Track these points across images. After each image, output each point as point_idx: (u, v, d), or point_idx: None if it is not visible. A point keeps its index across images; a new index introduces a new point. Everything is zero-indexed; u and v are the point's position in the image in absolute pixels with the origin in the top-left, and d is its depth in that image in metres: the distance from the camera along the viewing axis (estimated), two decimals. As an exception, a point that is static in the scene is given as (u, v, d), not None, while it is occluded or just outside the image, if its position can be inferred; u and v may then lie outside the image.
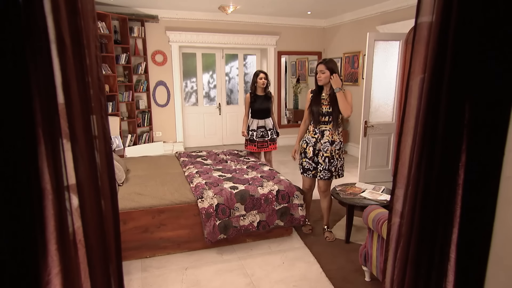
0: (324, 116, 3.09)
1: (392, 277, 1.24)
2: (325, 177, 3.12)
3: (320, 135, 3.12)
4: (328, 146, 3.09)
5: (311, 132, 3.19)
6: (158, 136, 6.65)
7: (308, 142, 3.19)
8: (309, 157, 3.18)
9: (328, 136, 3.10)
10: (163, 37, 6.30)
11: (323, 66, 3.02)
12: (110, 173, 1.01)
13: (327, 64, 3.02)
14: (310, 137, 3.19)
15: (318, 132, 3.13)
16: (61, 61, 0.80)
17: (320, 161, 3.12)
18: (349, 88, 6.62)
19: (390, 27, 5.34)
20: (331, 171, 3.12)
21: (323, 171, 3.11)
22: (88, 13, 0.87)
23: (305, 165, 3.21)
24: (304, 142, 3.23)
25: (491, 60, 0.93)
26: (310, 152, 3.16)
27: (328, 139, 3.10)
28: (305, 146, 3.21)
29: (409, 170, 1.12)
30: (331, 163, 3.11)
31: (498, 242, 1.01)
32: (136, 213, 2.84)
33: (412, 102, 1.10)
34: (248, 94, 4.21)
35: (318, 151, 3.13)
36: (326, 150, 3.10)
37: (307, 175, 3.22)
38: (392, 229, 1.24)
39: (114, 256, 1.04)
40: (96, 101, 0.92)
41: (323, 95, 3.13)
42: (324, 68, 3.01)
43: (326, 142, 3.10)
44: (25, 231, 0.76)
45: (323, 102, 3.11)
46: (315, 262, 2.87)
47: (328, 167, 3.10)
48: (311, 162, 3.17)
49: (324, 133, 3.11)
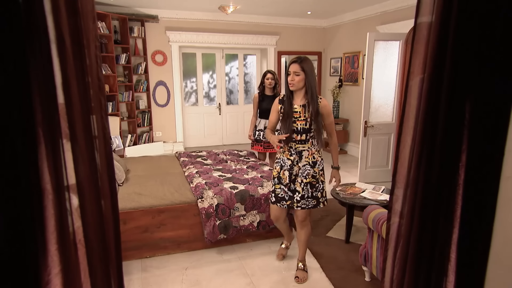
0: (299, 134, 2.41)
1: (392, 277, 1.24)
2: (309, 206, 2.49)
3: (298, 156, 2.45)
4: (308, 169, 2.44)
5: (286, 153, 2.49)
6: (158, 136, 6.65)
7: (283, 164, 2.50)
8: (284, 183, 2.49)
9: (307, 157, 2.45)
10: (163, 37, 6.30)
11: (297, 66, 2.33)
12: (110, 173, 1.01)
13: (301, 64, 2.33)
14: (285, 159, 2.49)
15: (295, 153, 2.45)
16: (61, 61, 0.80)
17: (298, 188, 2.47)
18: (349, 88, 6.63)
19: (390, 27, 5.34)
20: (317, 197, 2.49)
21: (304, 200, 2.47)
22: (88, 13, 0.87)
23: (279, 193, 2.52)
24: (278, 165, 2.54)
25: (491, 60, 0.93)
26: (286, 178, 2.48)
27: (308, 161, 2.45)
28: (279, 169, 2.52)
29: (408, 170, 1.12)
30: (316, 188, 2.48)
31: (498, 242, 1.01)
32: (136, 213, 2.84)
33: (412, 102, 1.10)
34: (256, 94, 4.19)
35: (295, 176, 2.48)
36: (306, 175, 2.45)
37: (280, 205, 2.54)
38: (392, 229, 1.24)
39: (114, 256, 1.04)
40: (96, 101, 0.92)
41: (295, 106, 2.41)
42: (299, 69, 2.32)
43: (306, 165, 2.45)
44: (25, 231, 0.76)
45: (296, 116, 2.40)
46: (315, 262, 2.87)
47: (311, 194, 2.47)
48: (286, 190, 2.49)
49: (302, 154, 2.45)
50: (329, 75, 7.30)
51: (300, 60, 2.35)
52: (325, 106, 2.44)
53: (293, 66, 2.35)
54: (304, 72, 2.32)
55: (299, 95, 2.41)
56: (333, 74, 7.13)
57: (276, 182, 2.55)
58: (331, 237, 3.30)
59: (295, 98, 2.43)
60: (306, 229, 2.62)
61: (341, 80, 6.77)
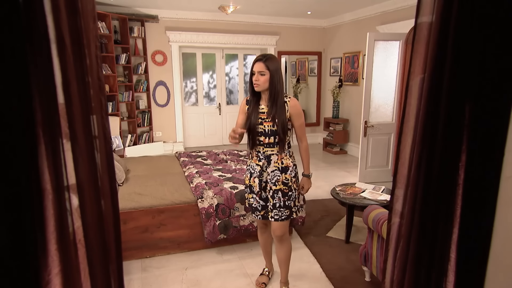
0: (267, 137, 2.18)
1: (392, 277, 1.24)
2: (282, 217, 2.22)
3: (266, 161, 2.22)
4: (277, 176, 2.21)
5: (254, 158, 2.27)
6: (158, 136, 6.65)
7: (252, 171, 2.28)
8: (256, 191, 2.27)
9: (276, 161, 2.21)
10: (163, 37, 6.30)
11: (262, 65, 2.10)
12: (111, 173, 1.01)
13: (267, 62, 2.10)
14: (254, 165, 2.27)
15: (263, 157, 2.22)
16: (61, 61, 0.80)
17: (269, 197, 2.25)
18: (349, 88, 6.63)
19: (390, 27, 5.34)
20: (289, 207, 2.24)
21: (276, 210, 2.22)
22: (88, 13, 0.87)
23: (252, 202, 2.32)
24: (248, 172, 2.33)
25: (491, 60, 0.93)
26: (256, 186, 2.25)
27: (277, 166, 2.21)
28: (249, 177, 2.30)
29: (409, 170, 1.12)
30: (289, 196, 2.23)
31: (498, 242, 1.01)
32: (136, 213, 2.84)
33: (412, 102, 1.10)
34: None
35: (265, 183, 2.25)
36: (275, 182, 2.21)
37: (255, 216, 2.35)
38: (392, 229, 1.24)
39: (115, 256, 1.04)
40: (96, 101, 0.92)
41: (262, 106, 2.20)
42: (264, 68, 2.10)
43: (275, 171, 2.21)
44: (25, 231, 0.76)
45: (263, 117, 2.18)
46: (315, 262, 2.87)
47: (284, 202, 2.22)
48: (258, 199, 2.28)
49: (270, 158, 2.22)
50: (329, 75, 7.30)
51: (265, 58, 2.12)
52: (295, 106, 2.19)
53: (257, 65, 2.12)
54: (269, 71, 2.10)
55: (266, 94, 2.18)
56: (333, 74, 7.13)
57: (248, 192, 2.34)
58: (331, 237, 3.30)
59: (263, 97, 2.22)
60: (285, 246, 2.35)
61: (341, 80, 6.76)
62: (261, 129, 2.19)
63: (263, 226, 2.48)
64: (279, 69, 2.15)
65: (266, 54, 2.18)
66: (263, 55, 2.16)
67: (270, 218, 2.27)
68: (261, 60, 2.12)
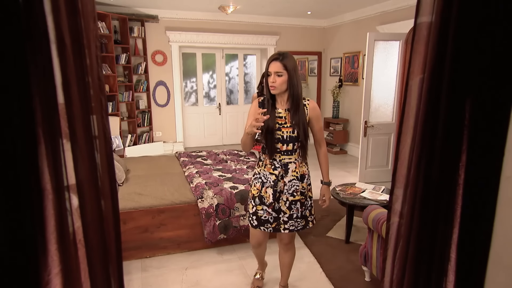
0: (285, 144, 2.00)
1: (392, 277, 1.24)
2: (298, 228, 2.11)
3: (283, 170, 2.04)
4: (296, 185, 2.05)
5: (267, 166, 2.06)
6: (158, 136, 6.65)
7: (265, 180, 2.07)
8: (268, 203, 2.06)
9: (294, 170, 2.05)
10: (163, 37, 6.30)
11: (279, 64, 1.89)
12: (111, 173, 1.01)
13: (284, 61, 1.89)
14: (267, 174, 2.06)
15: (280, 165, 2.04)
16: (61, 61, 0.80)
17: (284, 208, 2.07)
18: (349, 88, 6.63)
19: (390, 27, 5.34)
20: (305, 217, 2.11)
21: (292, 221, 2.08)
22: (88, 13, 0.87)
23: (261, 215, 2.08)
24: (257, 181, 2.10)
25: (491, 59, 0.93)
26: (269, 197, 2.05)
27: (295, 175, 2.05)
28: (260, 187, 2.08)
29: (408, 170, 1.12)
30: (305, 206, 2.10)
31: (498, 242, 1.01)
32: (136, 213, 2.84)
33: (412, 102, 1.10)
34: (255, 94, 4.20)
35: (280, 193, 2.07)
36: (293, 192, 2.05)
37: (265, 229, 2.11)
38: (391, 229, 1.24)
39: (115, 256, 1.04)
40: (96, 101, 0.92)
41: (280, 110, 2.00)
42: (282, 68, 1.89)
43: (293, 180, 2.05)
44: (25, 231, 0.76)
45: (281, 122, 1.99)
46: (315, 262, 2.87)
47: (301, 213, 2.08)
48: (270, 211, 2.07)
49: (288, 167, 2.04)
50: (329, 75, 7.30)
51: (282, 57, 1.90)
52: (314, 108, 2.04)
53: (274, 65, 1.90)
54: (287, 71, 1.89)
55: (283, 97, 1.99)
56: (333, 74, 7.13)
57: (257, 203, 2.09)
58: (331, 237, 3.30)
59: (279, 101, 2.01)
60: (291, 252, 2.28)
61: (341, 80, 6.76)
62: (279, 135, 1.99)
63: (263, 240, 2.26)
64: (297, 68, 1.94)
65: (282, 52, 1.95)
66: (279, 53, 1.92)
67: (283, 230, 2.09)
68: (277, 59, 1.89)
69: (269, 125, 1.95)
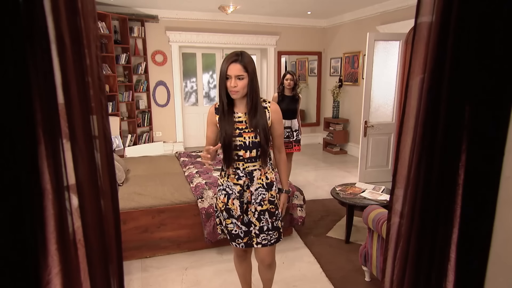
0: (248, 150, 1.83)
1: (392, 277, 1.24)
2: (271, 241, 1.93)
3: (248, 178, 1.88)
4: (263, 194, 1.89)
5: (231, 176, 1.89)
6: (158, 136, 6.65)
7: (230, 192, 1.90)
8: (236, 216, 1.91)
9: (260, 178, 1.89)
10: (163, 37, 6.30)
11: (239, 67, 1.71)
12: (111, 173, 1.01)
13: (243, 62, 1.72)
14: (231, 184, 1.89)
15: (244, 174, 1.87)
16: (61, 61, 0.80)
17: (253, 220, 1.90)
18: (349, 88, 6.63)
19: (390, 27, 5.34)
20: (277, 228, 1.95)
21: (263, 234, 1.91)
22: (88, 13, 0.87)
23: (232, 229, 1.93)
24: (221, 194, 1.94)
25: (491, 60, 0.93)
26: (237, 209, 1.89)
27: (261, 183, 1.89)
28: (225, 199, 1.92)
29: (408, 170, 1.12)
30: (276, 216, 1.94)
31: (498, 242, 1.01)
32: (136, 213, 2.84)
33: (412, 102, 1.10)
34: (276, 94, 4.20)
35: (247, 204, 1.90)
36: (261, 201, 1.89)
37: (237, 245, 1.96)
38: (392, 229, 1.24)
39: (115, 256, 1.04)
40: (96, 101, 0.92)
41: (239, 114, 1.84)
42: (242, 71, 1.72)
43: (259, 188, 1.89)
44: (25, 231, 0.76)
45: (242, 127, 1.82)
46: (315, 262, 2.87)
47: (272, 224, 1.92)
48: (240, 224, 1.91)
49: (253, 175, 1.88)
50: (329, 75, 7.30)
51: (241, 57, 1.72)
52: (276, 111, 1.89)
53: (234, 68, 1.71)
54: (248, 73, 1.73)
55: (242, 100, 1.82)
56: (333, 74, 7.13)
57: (225, 217, 1.93)
58: (331, 237, 3.30)
59: (237, 104, 1.84)
60: (273, 269, 2.14)
61: (341, 80, 6.77)
62: (240, 142, 1.82)
63: (243, 254, 2.12)
64: (255, 68, 1.80)
65: (240, 51, 1.76)
66: (236, 53, 1.74)
67: (256, 244, 1.93)
68: (237, 60, 1.71)
69: (227, 132, 1.80)
